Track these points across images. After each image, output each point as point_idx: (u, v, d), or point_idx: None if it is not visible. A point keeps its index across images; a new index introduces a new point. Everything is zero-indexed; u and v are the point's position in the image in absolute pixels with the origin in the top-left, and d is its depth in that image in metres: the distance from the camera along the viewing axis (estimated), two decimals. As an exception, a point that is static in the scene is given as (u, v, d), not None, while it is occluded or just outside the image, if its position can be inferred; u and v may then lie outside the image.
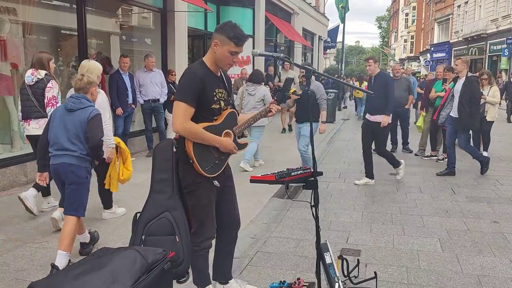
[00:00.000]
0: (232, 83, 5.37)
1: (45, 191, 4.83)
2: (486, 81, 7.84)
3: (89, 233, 3.90)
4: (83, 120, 3.41)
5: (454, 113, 6.79)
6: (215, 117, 2.69)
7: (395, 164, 6.39)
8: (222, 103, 2.72)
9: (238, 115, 2.90)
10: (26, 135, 4.79)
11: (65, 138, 3.39)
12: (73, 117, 3.42)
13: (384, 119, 6.05)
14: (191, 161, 2.60)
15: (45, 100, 4.54)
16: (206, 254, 2.85)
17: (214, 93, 2.64)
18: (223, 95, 2.72)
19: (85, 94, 3.59)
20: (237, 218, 3.00)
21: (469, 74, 6.85)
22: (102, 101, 4.18)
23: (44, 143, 3.50)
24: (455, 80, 7.12)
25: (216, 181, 2.73)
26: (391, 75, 9.12)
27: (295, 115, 6.86)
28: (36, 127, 4.56)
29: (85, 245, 3.83)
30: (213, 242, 2.93)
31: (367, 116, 6.37)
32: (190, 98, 2.52)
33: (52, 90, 4.57)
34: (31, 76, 4.60)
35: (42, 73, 4.62)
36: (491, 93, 7.75)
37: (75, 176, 3.41)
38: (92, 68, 4.33)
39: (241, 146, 2.84)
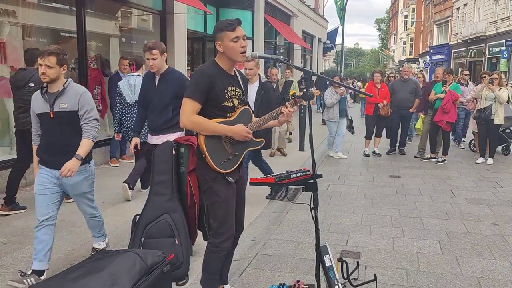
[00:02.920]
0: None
1: None
2: (496, 81, 7.68)
3: None
4: None
5: None
6: (228, 114, 2.70)
7: None
8: (236, 101, 2.72)
9: (253, 114, 2.90)
10: None
11: None
12: None
13: None
14: (203, 155, 2.60)
15: None
16: (223, 256, 2.77)
17: (226, 91, 2.65)
18: (236, 93, 2.72)
19: None
20: (242, 221, 2.98)
21: (263, 79, 5.60)
22: None
23: None
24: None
25: (230, 177, 2.69)
26: (399, 77, 9.24)
27: None
28: None
29: None
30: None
31: None
32: (197, 94, 2.55)
33: None
34: None
35: None
36: (499, 94, 7.64)
37: None
38: None
39: (256, 143, 2.82)
